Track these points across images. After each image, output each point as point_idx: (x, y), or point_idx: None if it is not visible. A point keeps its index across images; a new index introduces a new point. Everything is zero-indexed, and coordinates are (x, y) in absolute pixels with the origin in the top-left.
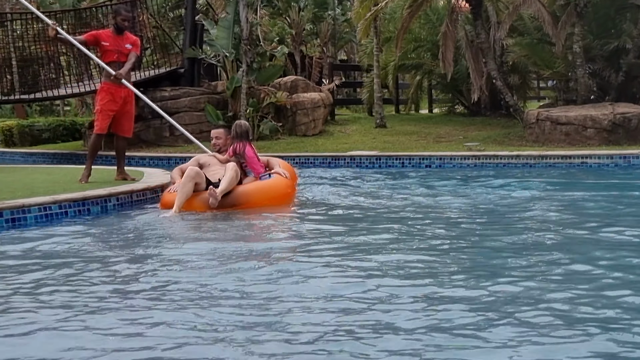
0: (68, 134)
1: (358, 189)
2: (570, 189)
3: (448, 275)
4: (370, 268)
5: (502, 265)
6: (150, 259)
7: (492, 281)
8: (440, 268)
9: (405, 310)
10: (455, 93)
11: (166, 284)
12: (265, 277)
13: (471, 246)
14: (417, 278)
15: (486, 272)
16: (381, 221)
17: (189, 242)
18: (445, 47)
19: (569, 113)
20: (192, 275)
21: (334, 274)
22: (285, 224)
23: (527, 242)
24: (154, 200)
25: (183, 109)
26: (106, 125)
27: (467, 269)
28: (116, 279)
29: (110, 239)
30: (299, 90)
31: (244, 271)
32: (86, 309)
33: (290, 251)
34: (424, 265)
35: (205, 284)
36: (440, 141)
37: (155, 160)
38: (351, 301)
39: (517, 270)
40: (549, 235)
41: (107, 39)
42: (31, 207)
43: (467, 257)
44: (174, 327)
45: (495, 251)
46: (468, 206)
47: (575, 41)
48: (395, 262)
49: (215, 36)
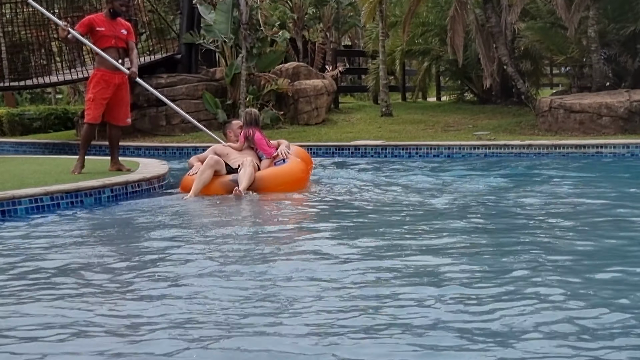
0: (60, 123)
1: (363, 180)
2: (598, 184)
3: (464, 272)
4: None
5: (512, 262)
6: (165, 242)
7: (503, 278)
8: (456, 266)
9: (415, 307)
10: (465, 80)
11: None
12: (270, 260)
13: (480, 240)
14: (427, 276)
15: (502, 270)
16: (388, 212)
17: (197, 225)
18: (453, 32)
19: (583, 100)
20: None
21: (346, 265)
22: (291, 210)
23: (542, 237)
24: (150, 192)
25: (180, 97)
26: (99, 114)
27: (478, 265)
28: (138, 260)
29: (127, 222)
30: (301, 77)
31: (253, 255)
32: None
33: (289, 234)
34: (434, 261)
35: (216, 265)
36: (449, 130)
37: (151, 150)
38: (360, 299)
39: (532, 270)
40: (572, 233)
41: (102, 24)
42: (22, 198)
43: (477, 251)
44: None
45: (507, 246)
46: (476, 197)
47: (590, 25)
48: (406, 256)
49: (214, 21)
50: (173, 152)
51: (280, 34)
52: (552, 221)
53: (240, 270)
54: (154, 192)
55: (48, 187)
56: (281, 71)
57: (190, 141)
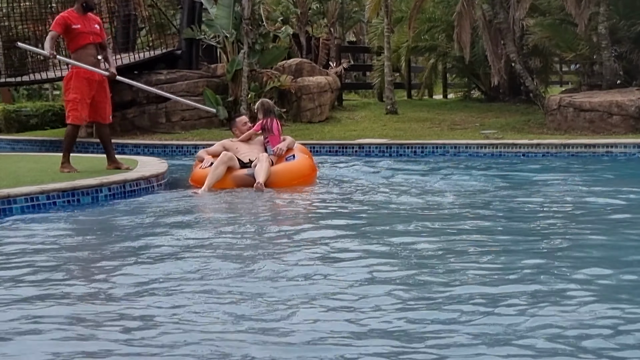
0: (57, 120)
1: (368, 179)
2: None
3: (473, 272)
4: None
5: (521, 263)
6: (179, 236)
7: (511, 279)
8: (465, 266)
9: (424, 309)
10: (472, 77)
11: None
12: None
13: (487, 241)
14: (437, 275)
15: (510, 271)
16: (393, 212)
17: (212, 219)
18: (460, 28)
19: (593, 99)
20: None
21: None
22: (300, 204)
23: (552, 239)
24: (149, 190)
25: (180, 94)
26: (86, 114)
27: (486, 266)
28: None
29: (138, 217)
30: (304, 74)
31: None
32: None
33: (295, 228)
34: (442, 261)
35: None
36: (455, 128)
37: (150, 147)
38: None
39: (542, 273)
40: (584, 238)
41: (76, 21)
42: (17, 197)
43: (485, 252)
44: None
45: (517, 252)
46: (482, 197)
47: (601, 21)
48: (411, 257)
49: (215, 15)
50: (173, 150)
51: (283, 30)
52: (561, 222)
53: (259, 267)
54: (152, 190)
55: (44, 185)
56: (284, 67)
57: (191, 139)
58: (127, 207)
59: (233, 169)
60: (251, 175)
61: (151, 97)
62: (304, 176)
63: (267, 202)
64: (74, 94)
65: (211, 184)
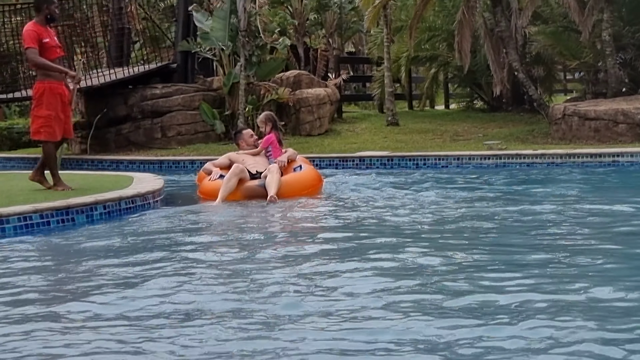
0: None
1: (369, 193)
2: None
3: (477, 286)
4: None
5: (527, 275)
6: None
7: (516, 292)
8: (468, 280)
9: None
10: (474, 87)
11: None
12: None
13: (493, 254)
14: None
15: (516, 284)
16: (397, 227)
17: (233, 231)
18: (461, 37)
19: (599, 107)
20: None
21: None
22: (315, 218)
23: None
24: (145, 207)
25: (176, 108)
26: (59, 131)
27: (491, 279)
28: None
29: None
30: (302, 86)
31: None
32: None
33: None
34: (448, 276)
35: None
36: (458, 139)
37: (145, 164)
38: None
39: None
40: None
41: (45, 35)
42: (10, 216)
43: (489, 265)
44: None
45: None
46: (486, 209)
47: (605, 28)
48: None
49: (211, 28)
50: (169, 165)
51: (281, 41)
52: (568, 233)
53: (280, 289)
54: (149, 207)
55: (37, 204)
56: (282, 80)
57: (187, 154)
58: (126, 226)
59: (244, 181)
60: (262, 186)
61: (146, 112)
62: (312, 186)
63: (283, 217)
64: (47, 111)
65: (225, 196)
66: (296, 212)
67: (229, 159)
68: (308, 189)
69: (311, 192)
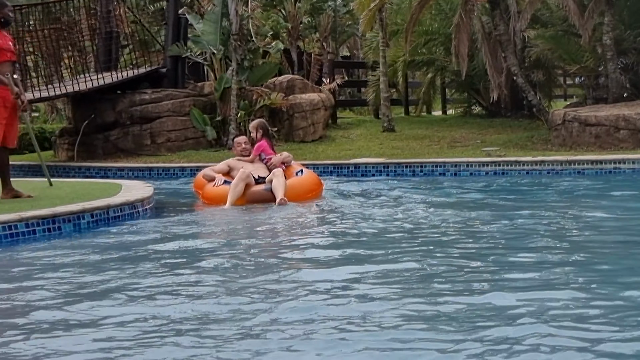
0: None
1: (366, 200)
2: None
3: (474, 297)
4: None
5: (527, 286)
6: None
7: (515, 307)
8: (465, 291)
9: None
10: (472, 92)
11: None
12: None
13: (491, 266)
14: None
15: (515, 297)
16: (394, 235)
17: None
18: (459, 41)
19: (599, 113)
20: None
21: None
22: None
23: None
24: (134, 216)
25: (165, 114)
26: (1, 137)
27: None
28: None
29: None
30: (296, 91)
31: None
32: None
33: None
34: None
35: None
36: (455, 146)
37: (135, 171)
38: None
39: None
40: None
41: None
42: None
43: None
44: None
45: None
46: (484, 217)
47: (605, 32)
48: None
49: (201, 31)
50: (159, 172)
51: (274, 45)
52: (569, 241)
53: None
54: (138, 216)
55: (23, 213)
56: (274, 85)
57: (177, 161)
58: (118, 236)
59: (249, 186)
60: (269, 190)
61: (135, 118)
62: (314, 190)
63: (299, 221)
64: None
65: (234, 201)
66: (308, 216)
67: (228, 165)
68: (311, 193)
69: (313, 195)
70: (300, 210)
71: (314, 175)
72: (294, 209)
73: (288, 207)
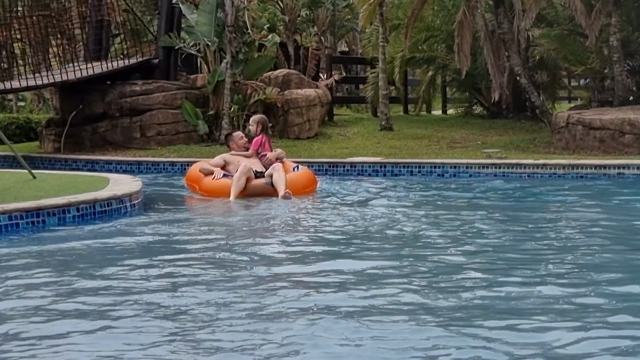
0: (22, 134)
1: (360, 201)
2: None
3: (471, 304)
4: None
5: (524, 293)
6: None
7: (515, 312)
8: (463, 299)
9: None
10: (473, 91)
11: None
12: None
13: (489, 273)
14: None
15: (513, 306)
16: (383, 238)
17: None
18: (461, 38)
19: (604, 116)
20: None
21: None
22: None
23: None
24: (121, 211)
25: (156, 106)
26: None
27: (490, 299)
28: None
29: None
30: (292, 86)
31: None
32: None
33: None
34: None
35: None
36: (455, 147)
37: (123, 165)
38: None
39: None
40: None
41: None
42: None
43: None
44: None
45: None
46: (482, 222)
47: (612, 33)
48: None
49: (196, 22)
50: (148, 167)
51: (270, 38)
52: (570, 247)
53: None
54: (125, 211)
55: (6, 205)
56: (270, 79)
57: (167, 155)
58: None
59: (250, 180)
60: (269, 184)
61: (124, 110)
62: (310, 186)
63: (305, 215)
64: None
65: (236, 194)
66: (316, 212)
67: (224, 160)
68: (308, 188)
69: (310, 191)
70: (303, 203)
71: (309, 172)
72: (296, 202)
73: (291, 200)
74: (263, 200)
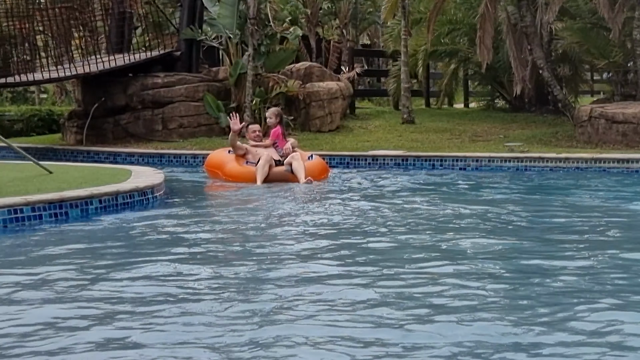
0: (44, 126)
1: (383, 194)
2: None
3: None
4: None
5: (544, 286)
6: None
7: (532, 306)
8: (482, 290)
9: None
10: (496, 85)
11: None
12: None
13: (509, 265)
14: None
15: (532, 297)
16: (406, 232)
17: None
18: (483, 31)
19: (627, 110)
20: None
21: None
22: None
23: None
24: (143, 203)
25: (178, 99)
26: None
27: (505, 292)
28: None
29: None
30: (313, 79)
31: None
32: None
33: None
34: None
35: None
36: (477, 140)
37: (145, 157)
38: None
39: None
40: None
41: None
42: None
43: (504, 275)
44: None
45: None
46: (503, 215)
47: (636, 27)
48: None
49: (218, 14)
50: (170, 159)
51: (292, 31)
52: (592, 242)
53: None
54: (147, 203)
55: (29, 196)
56: (292, 72)
57: (189, 148)
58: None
59: (271, 167)
60: (289, 172)
61: (147, 102)
62: (323, 173)
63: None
64: None
65: (262, 179)
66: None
67: (246, 149)
68: (322, 175)
69: (324, 178)
70: (325, 187)
71: (322, 161)
72: (317, 186)
73: (315, 187)
74: (285, 185)
